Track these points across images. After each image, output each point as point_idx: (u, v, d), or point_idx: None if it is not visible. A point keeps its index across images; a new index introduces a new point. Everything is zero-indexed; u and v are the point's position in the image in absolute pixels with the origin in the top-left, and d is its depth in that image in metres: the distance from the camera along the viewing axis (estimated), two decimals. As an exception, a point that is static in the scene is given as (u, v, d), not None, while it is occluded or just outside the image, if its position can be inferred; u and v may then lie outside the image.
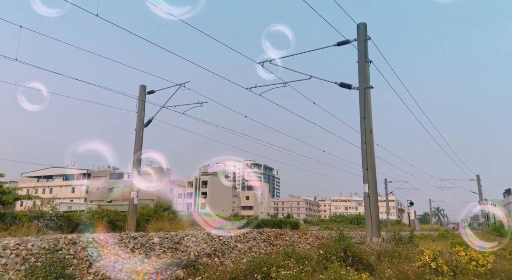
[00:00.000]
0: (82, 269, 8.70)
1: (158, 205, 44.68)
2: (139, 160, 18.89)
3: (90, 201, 70.26)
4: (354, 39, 13.63)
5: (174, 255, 11.07)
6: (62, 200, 63.56)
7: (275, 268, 7.46)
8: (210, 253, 12.23)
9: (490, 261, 9.35)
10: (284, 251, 9.64)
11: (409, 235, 16.83)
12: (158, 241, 11.47)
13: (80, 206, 51.63)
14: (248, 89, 14.98)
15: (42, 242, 8.78)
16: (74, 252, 9.03)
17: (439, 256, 9.13)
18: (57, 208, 19.67)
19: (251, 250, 14.09)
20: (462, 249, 10.16)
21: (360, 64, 13.52)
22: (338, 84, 13.77)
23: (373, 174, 12.70)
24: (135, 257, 10.08)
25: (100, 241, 9.96)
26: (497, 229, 31.38)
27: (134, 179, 18.20)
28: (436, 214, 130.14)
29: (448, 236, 26.71)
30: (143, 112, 19.13)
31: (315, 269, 7.86)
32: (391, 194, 56.25)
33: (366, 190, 12.54)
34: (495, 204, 76.13)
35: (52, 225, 17.54)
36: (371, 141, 12.93)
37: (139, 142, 18.85)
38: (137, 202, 18.31)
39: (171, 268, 9.77)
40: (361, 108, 13.17)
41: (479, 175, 47.93)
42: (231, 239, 14.08)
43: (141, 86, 19.52)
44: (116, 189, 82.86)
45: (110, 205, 50.27)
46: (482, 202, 48.13)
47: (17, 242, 8.50)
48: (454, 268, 8.91)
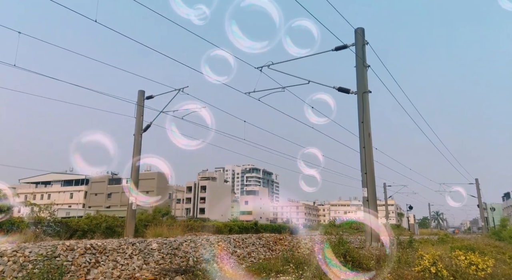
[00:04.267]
0: (80, 275, 8.63)
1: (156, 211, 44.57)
2: (138, 165, 18.86)
3: (89, 206, 69.99)
4: (352, 44, 13.67)
5: (172, 261, 11.01)
6: (60, 206, 63.29)
7: (274, 274, 7.43)
8: (209, 259, 12.17)
9: (490, 265, 9.33)
10: (283, 256, 9.60)
11: (408, 239, 16.77)
12: (156, 246, 11.41)
13: (78, 211, 51.38)
14: (247, 93, 15.00)
15: (39, 249, 8.72)
16: (72, 258, 8.97)
17: (439, 260, 9.10)
18: (55, 214, 19.55)
19: (250, 255, 14.03)
20: (462, 253, 10.13)
21: (358, 69, 13.55)
22: (336, 88, 13.79)
23: (372, 178, 12.69)
24: (133, 263, 10.01)
25: (98, 247, 9.90)
26: (497, 233, 31.33)
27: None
28: (436, 218, 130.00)
29: (448, 240, 26.62)
30: (142, 117, 19.12)
31: (314, 274, 7.83)
32: (390, 198, 56.19)
33: (365, 194, 12.52)
34: (494, 208, 76.11)
35: (50, 231, 17.44)
36: (370, 145, 12.93)
37: (138, 147, 18.82)
38: (136, 208, 18.24)
39: (170, 274, 9.71)
40: (360, 113, 13.18)
41: (478, 179, 47.99)
42: (230, 245, 14.02)
43: (139, 91, 19.54)
44: (115, 194, 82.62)
45: (108, 210, 50.06)
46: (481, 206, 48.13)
47: (14, 249, 8.44)
48: (454, 272, 8.88)
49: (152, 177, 79.28)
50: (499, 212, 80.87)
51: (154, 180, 78.57)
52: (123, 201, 70.56)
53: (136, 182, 18.47)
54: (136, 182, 18.42)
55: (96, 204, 78.26)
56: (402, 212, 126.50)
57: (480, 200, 48.03)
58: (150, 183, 76.35)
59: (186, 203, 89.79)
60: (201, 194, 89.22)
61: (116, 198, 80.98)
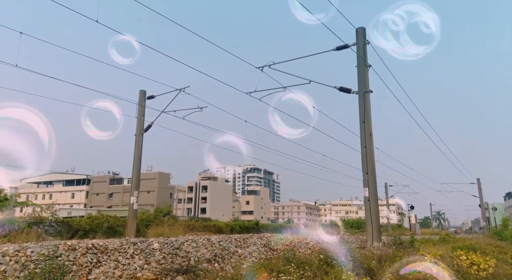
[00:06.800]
0: (82, 275, 8.65)
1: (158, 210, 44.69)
2: (139, 165, 18.88)
3: (90, 206, 70.10)
4: (353, 44, 13.66)
5: (174, 261, 11.02)
6: (61, 206, 63.43)
7: (276, 274, 7.42)
8: (210, 259, 12.18)
9: (491, 265, 9.32)
10: (284, 256, 9.59)
11: (410, 239, 16.75)
12: (158, 246, 11.42)
13: (80, 211, 51.50)
14: (248, 93, 15.00)
15: (41, 249, 8.74)
16: (73, 258, 8.98)
17: (441, 260, 9.09)
18: (56, 214, 19.61)
19: (252, 255, 14.04)
20: (463, 253, 10.13)
21: (359, 68, 13.54)
22: (338, 88, 13.79)
23: (373, 178, 12.68)
24: (135, 263, 10.03)
25: (99, 247, 9.91)
26: (499, 233, 31.26)
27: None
28: (437, 218, 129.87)
29: (449, 240, 26.55)
30: (143, 117, 19.15)
31: (315, 274, 7.82)
32: (392, 198, 56.07)
33: (366, 194, 12.51)
34: (496, 207, 75.97)
35: (52, 231, 17.48)
36: (371, 145, 12.92)
37: (139, 147, 18.85)
38: (137, 207, 18.26)
39: (171, 274, 9.72)
40: (361, 112, 13.17)
41: (479, 178, 47.90)
42: (231, 244, 14.03)
43: (141, 91, 19.56)
44: (116, 194, 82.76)
45: (110, 210, 50.15)
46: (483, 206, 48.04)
47: (16, 249, 8.46)
48: (456, 272, 8.87)
49: (153, 177, 79.43)
50: (500, 212, 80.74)
51: (155, 180, 78.70)
52: (125, 201, 70.71)
53: (137, 182, 18.50)
54: (137, 182, 18.45)
55: (97, 204, 78.39)
56: (404, 212, 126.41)
57: (481, 200, 47.94)
58: (151, 183, 76.45)
59: (188, 203, 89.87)
60: (202, 194, 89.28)
61: (118, 198, 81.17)
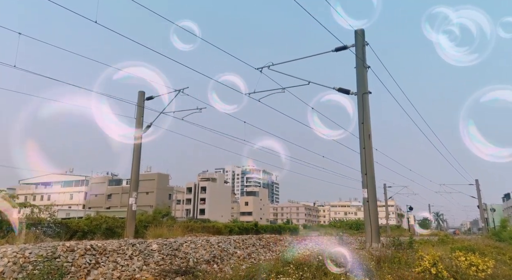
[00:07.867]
0: (80, 276, 8.63)
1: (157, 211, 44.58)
2: (138, 166, 18.84)
3: (89, 207, 69.97)
4: (352, 45, 13.67)
5: (173, 262, 11.00)
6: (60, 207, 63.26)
7: (275, 275, 7.42)
8: (209, 260, 12.17)
9: (490, 266, 9.32)
10: (283, 257, 9.59)
11: (408, 240, 16.75)
12: (156, 247, 11.40)
13: (79, 212, 51.43)
14: (247, 94, 15.00)
15: (40, 250, 8.72)
16: (72, 259, 8.96)
17: (439, 261, 9.09)
18: (55, 215, 19.56)
19: (250, 256, 14.03)
20: (462, 254, 10.13)
21: (358, 69, 13.55)
22: (336, 89, 13.79)
23: (372, 179, 12.68)
24: (133, 264, 10.01)
25: (98, 248, 9.89)
26: (497, 234, 31.30)
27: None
28: (436, 219, 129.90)
29: (448, 241, 26.59)
30: (142, 118, 19.12)
31: (314, 275, 7.82)
32: (391, 199, 56.13)
33: (365, 195, 12.52)
34: (494, 208, 76.11)
35: (50, 232, 17.44)
36: (370, 146, 12.93)
37: (138, 148, 18.82)
38: (136, 209, 18.22)
39: (170, 275, 9.71)
40: (360, 114, 13.18)
41: (478, 179, 47.96)
42: (230, 245, 14.01)
43: (139, 92, 19.54)
44: (115, 195, 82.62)
45: (108, 211, 50.10)
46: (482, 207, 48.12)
47: (14, 250, 8.44)
48: (454, 273, 8.87)
49: (152, 178, 79.31)
50: (499, 213, 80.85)
51: (154, 181, 78.57)
52: (123, 202, 70.53)
53: (136, 183, 18.46)
54: (136, 183, 18.42)
55: (96, 205, 78.25)
56: (402, 213, 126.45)
57: (480, 201, 48.00)
58: (150, 184, 76.33)
59: (186, 204, 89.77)
60: (201, 195, 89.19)
61: (116, 199, 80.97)
